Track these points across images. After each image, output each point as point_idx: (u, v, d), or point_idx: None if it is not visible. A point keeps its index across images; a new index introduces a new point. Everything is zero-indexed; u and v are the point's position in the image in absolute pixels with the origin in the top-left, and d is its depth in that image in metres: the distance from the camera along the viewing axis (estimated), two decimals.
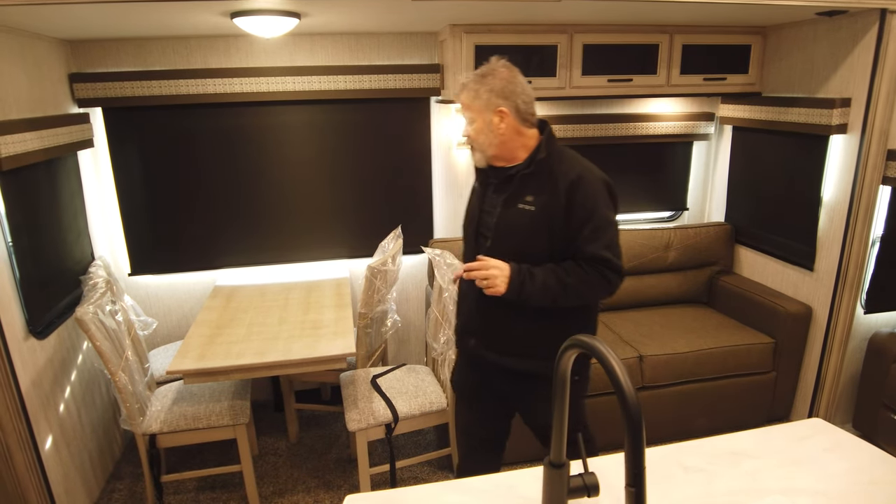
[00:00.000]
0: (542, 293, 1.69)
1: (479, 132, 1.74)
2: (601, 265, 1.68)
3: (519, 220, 1.74)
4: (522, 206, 1.73)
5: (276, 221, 3.20)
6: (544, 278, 1.68)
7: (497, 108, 1.70)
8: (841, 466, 1.39)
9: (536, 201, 1.71)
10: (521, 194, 1.74)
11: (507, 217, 1.76)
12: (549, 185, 1.70)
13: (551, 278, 1.68)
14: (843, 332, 2.76)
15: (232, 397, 2.49)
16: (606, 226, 1.70)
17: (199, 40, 2.87)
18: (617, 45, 2.86)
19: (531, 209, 1.71)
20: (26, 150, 2.21)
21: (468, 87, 1.73)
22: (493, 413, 2.06)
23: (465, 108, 1.76)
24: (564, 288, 1.69)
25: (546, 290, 1.68)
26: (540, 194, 1.71)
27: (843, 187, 2.66)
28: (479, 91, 1.71)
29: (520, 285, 1.68)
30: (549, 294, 1.69)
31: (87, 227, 2.84)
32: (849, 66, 2.59)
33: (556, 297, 1.70)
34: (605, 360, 0.83)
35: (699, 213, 3.71)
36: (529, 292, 1.69)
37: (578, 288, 1.70)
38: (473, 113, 1.74)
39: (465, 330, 1.96)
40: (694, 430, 2.68)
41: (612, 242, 1.71)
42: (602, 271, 1.68)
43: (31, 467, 2.14)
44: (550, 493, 1.07)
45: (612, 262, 1.69)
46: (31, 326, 2.25)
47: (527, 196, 1.73)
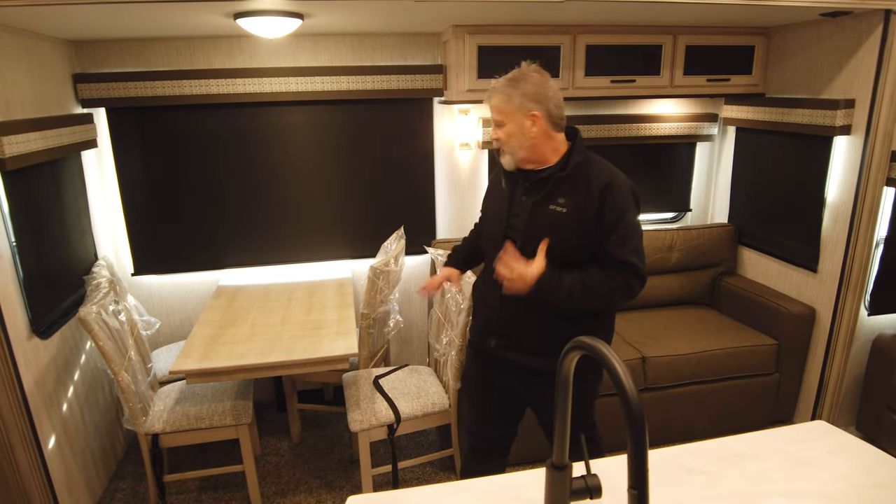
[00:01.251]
0: (568, 299, 1.71)
1: (510, 135, 1.75)
2: (628, 271, 1.70)
3: (550, 222, 1.75)
4: (554, 208, 1.74)
5: (279, 222, 3.20)
6: (571, 284, 1.70)
7: (530, 112, 1.72)
8: (844, 469, 1.38)
9: (568, 203, 1.73)
10: (554, 196, 1.75)
11: (538, 218, 1.77)
12: (581, 188, 1.72)
13: (577, 285, 1.70)
14: (846, 334, 2.75)
15: (234, 397, 2.49)
16: (633, 231, 1.73)
17: (203, 41, 2.87)
18: (620, 45, 2.86)
19: (563, 210, 1.73)
20: (30, 150, 2.21)
21: (499, 90, 1.74)
22: (501, 415, 2.06)
23: (496, 111, 1.76)
24: (590, 294, 1.71)
25: (572, 296, 1.70)
26: (572, 196, 1.73)
27: (847, 189, 2.65)
28: (511, 95, 1.72)
29: (547, 289, 1.69)
30: (575, 300, 1.71)
31: (90, 226, 2.85)
32: (853, 68, 2.59)
33: (581, 303, 1.73)
34: (608, 361, 0.83)
35: (702, 214, 3.70)
36: (557, 297, 1.70)
37: (605, 295, 1.72)
38: (504, 116, 1.75)
39: (485, 330, 1.95)
40: (697, 432, 2.68)
41: (638, 248, 1.74)
42: (627, 277, 1.71)
43: (34, 466, 2.14)
44: (553, 495, 1.07)
45: (638, 268, 1.71)
46: (34, 326, 2.26)
47: (559, 198, 1.74)
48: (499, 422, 2.07)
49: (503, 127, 1.76)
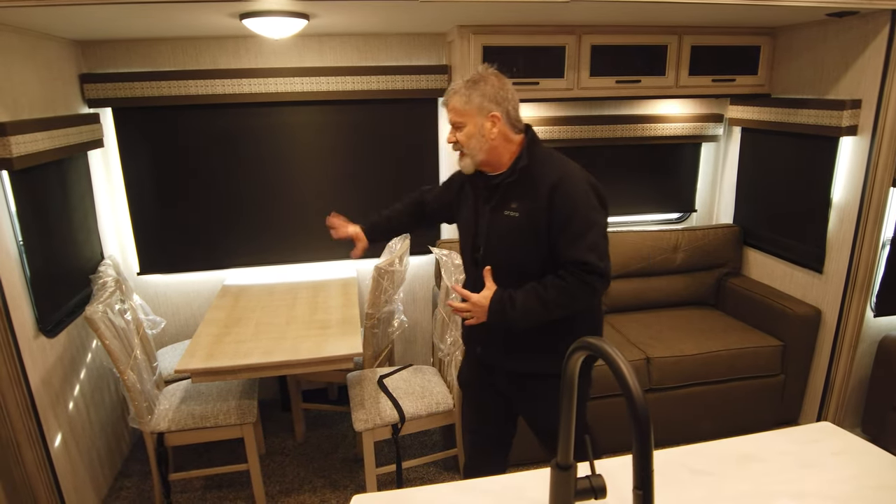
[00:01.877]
0: (525, 315, 1.68)
1: (469, 137, 1.74)
2: (581, 270, 1.64)
3: (506, 228, 1.75)
4: (508, 213, 1.74)
5: (284, 221, 3.21)
6: (524, 301, 1.68)
7: (490, 114, 1.71)
8: (850, 470, 1.38)
9: (520, 207, 1.72)
10: (507, 201, 1.75)
11: (495, 225, 1.77)
12: (531, 190, 1.71)
13: (531, 299, 1.67)
14: (852, 335, 2.74)
15: (239, 396, 2.50)
16: (588, 227, 1.66)
17: (209, 41, 2.88)
18: (625, 45, 2.86)
19: (516, 216, 1.72)
20: (37, 149, 2.23)
21: (459, 92, 1.74)
22: (498, 412, 2.07)
23: (454, 112, 1.75)
24: (545, 305, 1.67)
25: (528, 311, 1.68)
26: (523, 200, 1.72)
27: (853, 189, 2.64)
28: (471, 96, 1.71)
29: (501, 312, 1.69)
30: (533, 315, 1.68)
31: (96, 226, 2.86)
32: (859, 68, 2.58)
33: (540, 316, 1.69)
34: (613, 362, 0.83)
35: (707, 215, 3.69)
36: (512, 318, 1.69)
37: (561, 301, 1.67)
38: (464, 118, 1.74)
39: (469, 338, 1.99)
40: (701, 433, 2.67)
41: (596, 244, 1.66)
42: (582, 277, 1.64)
43: (40, 464, 2.16)
44: (557, 495, 1.07)
45: (592, 265, 1.64)
46: (41, 325, 2.27)
47: (511, 203, 1.74)
48: (497, 421, 2.08)
49: (462, 129, 1.75)
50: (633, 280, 3.29)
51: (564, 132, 3.25)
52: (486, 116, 1.71)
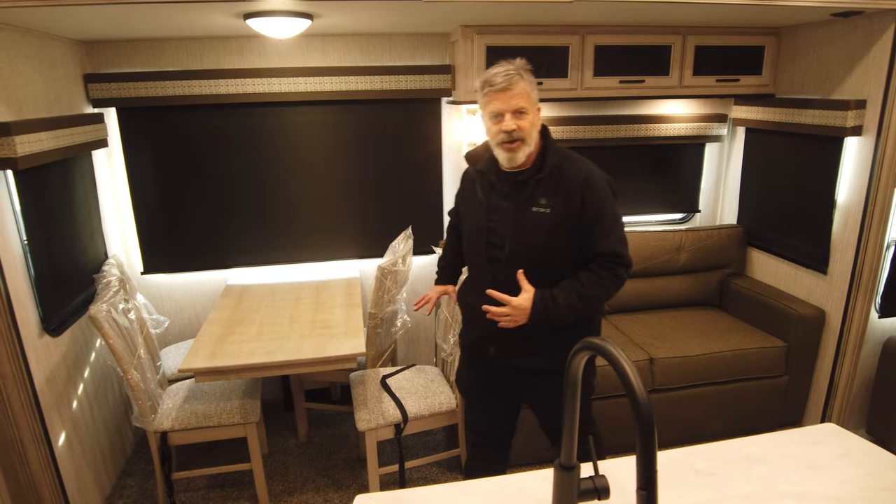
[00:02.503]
0: (568, 312, 1.72)
1: (532, 125, 1.69)
2: (613, 261, 1.72)
3: (536, 224, 1.73)
4: (537, 210, 1.73)
5: (288, 221, 3.22)
6: (566, 298, 1.71)
7: (538, 106, 1.74)
8: (854, 472, 1.37)
9: (551, 203, 1.72)
10: (535, 197, 1.73)
11: (524, 222, 1.74)
12: (561, 186, 1.71)
13: (572, 296, 1.71)
14: (856, 337, 2.73)
15: (242, 396, 2.50)
16: (615, 221, 1.76)
17: (212, 41, 2.89)
18: (629, 46, 2.85)
19: (546, 211, 1.72)
20: (42, 149, 2.23)
21: (523, 77, 1.66)
22: (498, 414, 2.07)
23: (523, 98, 1.65)
24: (584, 299, 1.72)
25: (570, 308, 1.72)
26: (554, 196, 1.72)
27: (858, 190, 2.63)
28: (533, 84, 1.68)
29: (544, 312, 1.71)
30: (574, 310, 1.72)
31: (100, 225, 2.87)
32: (864, 68, 2.57)
33: (580, 311, 1.74)
34: (617, 362, 0.83)
35: (711, 216, 3.68)
36: (555, 315, 1.71)
37: (597, 294, 1.74)
38: (530, 105, 1.67)
39: (483, 339, 1.92)
40: (705, 434, 2.67)
41: (622, 237, 1.76)
42: (613, 269, 1.72)
43: (44, 463, 2.16)
44: (560, 496, 1.07)
45: (624, 258, 1.73)
46: (45, 324, 2.27)
47: (540, 199, 1.73)
48: (498, 421, 2.08)
49: (526, 116, 1.67)
50: (636, 280, 3.28)
51: (568, 132, 3.25)
52: (537, 108, 1.73)
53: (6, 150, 2.03)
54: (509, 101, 1.65)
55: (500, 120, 1.68)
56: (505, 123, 1.66)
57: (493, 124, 1.70)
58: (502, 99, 1.66)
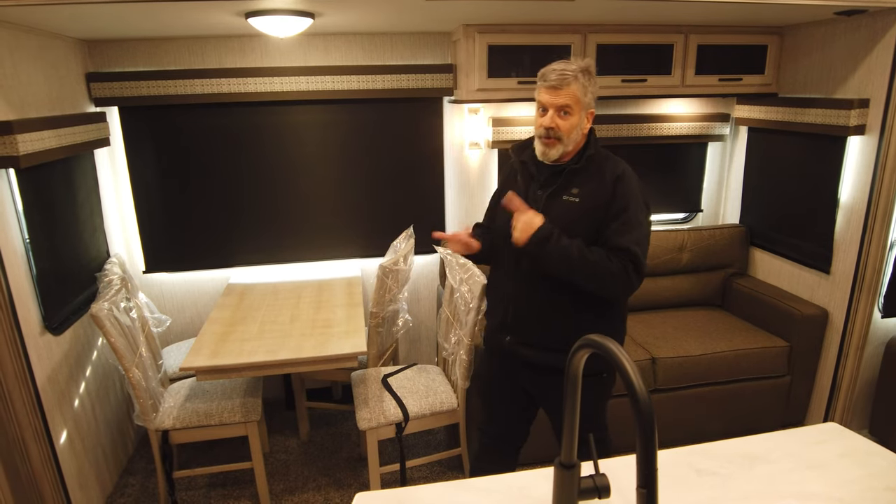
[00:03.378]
0: (560, 257, 1.68)
1: (573, 127, 1.73)
2: (626, 258, 1.68)
3: (563, 212, 1.76)
4: (567, 198, 1.76)
5: (289, 220, 3.22)
6: (568, 244, 1.69)
7: (590, 111, 1.75)
8: (856, 472, 1.37)
9: (581, 192, 1.75)
10: (567, 187, 1.77)
11: (552, 210, 1.77)
12: (595, 178, 1.75)
13: (574, 248, 1.69)
14: (859, 337, 2.72)
15: (244, 395, 2.50)
16: (637, 224, 1.73)
17: (214, 40, 2.89)
18: (631, 45, 2.85)
19: (575, 200, 1.75)
20: (44, 147, 2.24)
21: (579, 79, 1.69)
22: (514, 415, 2.05)
23: (570, 97, 1.70)
24: (582, 262, 1.68)
25: (565, 255, 1.68)
26: (585, 186, 1.75)
27: (861, 189, 2.62)
28: (587, 88, 1.71)
29: (543, 239, 1.68)
30: (567, 262, 1.69)
31: (102, 224, 2.87)
32: (867, 67, 2.56)
33: (572, 270, 1.70)
34: (618, 360, 0.83)
35: (713, 215, 3.67)
36: (548, 251, 1.68)
37: (596, 270, 1.69)
38: (576, 106, 1.71)
39: (500, 327, 1.94)
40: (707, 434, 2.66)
41: (641, 241, 1.73)
42: (625, 264, 1.68)
43: (46, 461, 2.16)
44: (561, 494, 1.07)
45: (637, 257, 1.69)
46: (47, 322, 2.28)
47: (572, 189, 1.76)
48: (511, 421, 2.07)
49: (570, 117, 1.72)
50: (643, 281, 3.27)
51: None
52: (587, 112, 1.74)
53: (8, 148, 2.04)
54: (556, 99, 1.71)
55: (544, 114, 1.75)
56: (545, 119, 1.74)
57: (537, 116, 1.78)
58: (551, 94, 1.72)
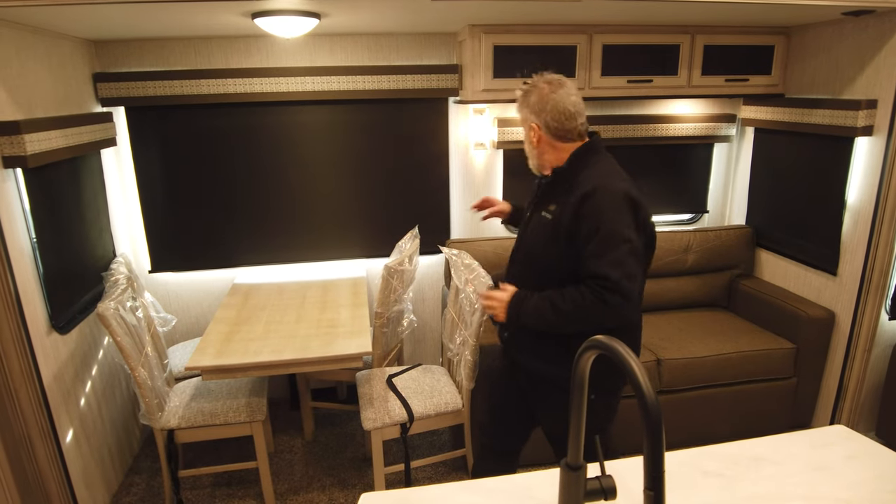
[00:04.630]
0: (536, 319, 1.70)
1: (527, 142, 1.83)
2: (599, 285, 1.56)
3: (536, 228, 1.79)
4: (545, 215, 1.76)
5: (295, 220, 3.22)
6: (536, 305, 1.68)
7: (530, 124, 1.77)
8: (863, 474, 1.36)
9: (555, 210, 1.72)
10: (546, 203, 1.77)
11: (531, 224, 1.83)
12: (566, 195, 1.69)
13: (544, 306, 1.67)
14: (866, 339, 2.70)
15: (249, 394, 2.50)
16: (614, 242, 1.57)
17: (221, 40, 2.90)
18: (637, 45, 2.84)
19: (549, 217, 1.73)
20: (51, 147, 2.25)
21: (518, 100, 1.81)
22: (512, 414, 2.05)
23: (519, 115, 1.84)
24: (558, 314, 1.63)
25: (539, 316, 1.68)
26: (558, 204, 1.72)
27: (869, 190, 2.61)
28: (520, 107, 1.80)
29: (516, 314, 1.73)
30: (543, 320, 1.68)
31: (109, 224, 2.88)
32: (875, 67, 2.54)
33: (553, 325, 1.67)
34: (625, 360, 0.82)
35: (719, 216, 3.66)
36: (525, 320, 1.72)
37: (574, 314, 1.61)
38: (522, 124, 1.83)
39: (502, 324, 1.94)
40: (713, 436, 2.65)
41: (619, 261, 1.56)
42: (599, 293, 1.56)
43: (52, 460, 2.17)
44: (567, 496, 1.06)
45: (610, 281, 1.54)
46: (53, 321, 2.29)
47: (550, 205, 1.75)
48: (514, 422, 2.07)
49: (526, 133, 1.82)
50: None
51: None
52: (529, 126, 1.78)
53: (16, 148, 2.05)
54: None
55: None
56: None
57: None
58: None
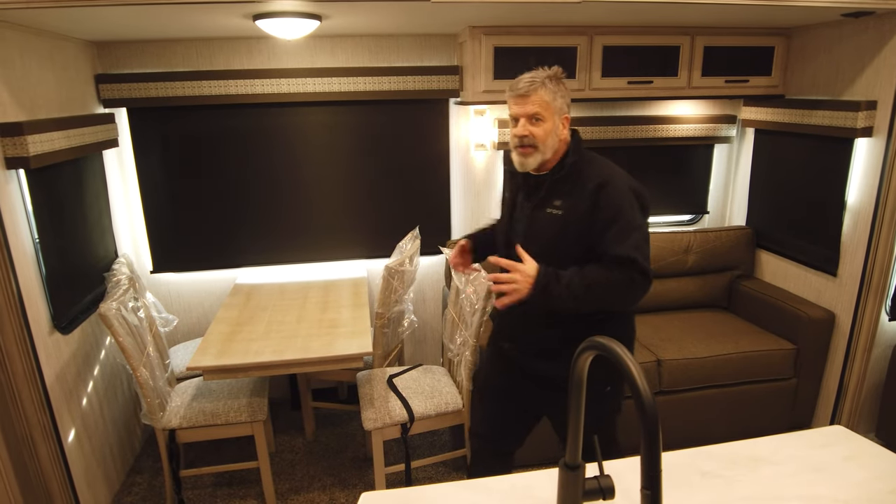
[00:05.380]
0: (569, 293, 1.61)
1: (548, 133, 1.70)
2: (628, 266, 1.60)
3: (546, 226, 1.73)
4: (551, 211, 1.73)
5: (296, 221, 3.23)
6: (570, 277, 1.63)
7: (564, 115, 1.73)
8: (862, 475, 1.36)
9: (564, 205, 1.71)
10: (550, 199, 1.74)
11: (536, 223, 1.76)
12: (577, 189, 1.69)
13: (576, 278, 1.62)
14: (866, 340, 2.71)
15: (250, 394, 2.51)
16: (632, 228, 1.64)
17: (222, 42, 2.91)
18: (637, 46, 2.85)
19: (559, 213, 1.71)
20: (54, 149, 2.26)
21: (546, 86, 1.68)
22: (509, 421, 2.04)
23: (539, 105, 1.68)
24: (588, 289, 1.62)
25: (572, 291, 1.61)
26: (567, 198, 1.71)
27: (869, 191, 2.61)
28: (556, 94, 1.69)
29: (545, 286, 1.62)
30: (575, 295, 1.62)
31: (111, 224, 2.89)
32: (875, 69, 2.55)
33: (581, 299, 1.63)
34: (622, 361, 0.83)
35: (720, 217, 3.67)
36: (557, 293, 1.61)
37: (604, 289, 1.63)
38: (548, 113, 1.69)
39: (499, 335, 1.95)
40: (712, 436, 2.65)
41: (640, 245, 1.64)
42: (627, 272, 1.60)
43: (54, 459, 2.18)
44: (565, 495, 1.07)
45: (638, 264, 1.61)
46: (56, 321, 2.30)
47: (555, 201, 1.73)
48: (512, 423, 2.05)
49: (542, 124, 1.69)
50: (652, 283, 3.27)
51: None
52: (562, 118, 1.72)
53: (19, 149, 2.06)
54: (525, 107, 1.69)
55: (516, 124, 1.73)
56: (518, 128, 1.72)
57: (512, 127, 1.75)
58: (519, 104, 1.70)
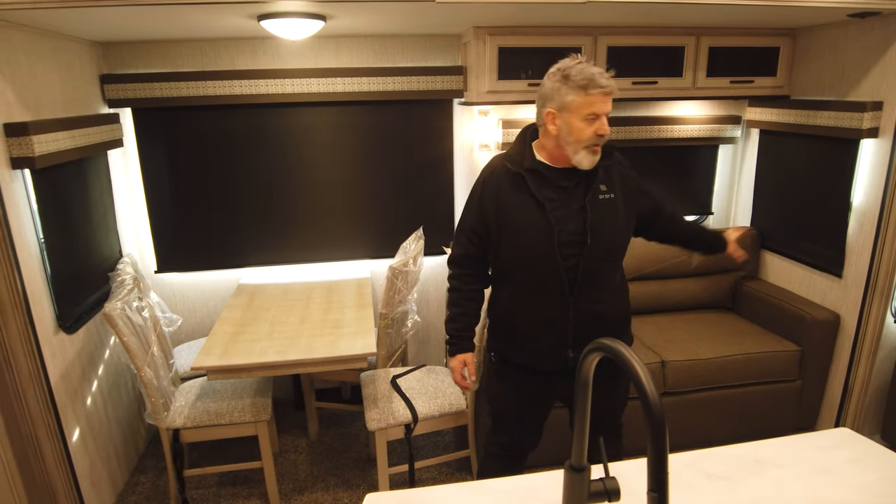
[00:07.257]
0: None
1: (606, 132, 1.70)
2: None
3: (609, 211, 1.76)
4: (604, 197, 1.75)
5: (300, 221, 3.23)
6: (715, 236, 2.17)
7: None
8: (867, 477, 1.36)
9: (609, 188, 1.77)
10: (598, 186, 1.75)
11: (597, 211, 1.72)
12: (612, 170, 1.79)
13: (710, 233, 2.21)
14: (872, 341, 2.70)
15: (254, 394, 2.51)
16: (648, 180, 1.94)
17: (227, 42, 2.91)
18: (642, 47, 2.84)
19: (611, 196, 1.76)
20: (59, 149, 2.26)
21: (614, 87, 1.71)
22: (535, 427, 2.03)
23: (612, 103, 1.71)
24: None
25: None
26: (606, 180, 1.77)
27: (874, 192, 2.60)
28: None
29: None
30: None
31: (115, 224, 2.90)
32: (881, 69, 2.54)
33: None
34: (628, 363, 0.83)
35: (724, 218, 3.66)
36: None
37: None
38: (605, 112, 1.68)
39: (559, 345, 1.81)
40: (717, 438, 2.65)
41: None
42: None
43: (58, 458, 2.19)
44: (570, 497, 1.07)
45: None
46: (60, 321, 2.30)
47: (601, 186, 1.75)
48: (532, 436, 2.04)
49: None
50: (648, 283, 3.26)
51: None
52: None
53: (24, 149, 2.06)
54: (608, 104, 1.65)
55: (593, 121, 1.64)
56: (601, 126, 1.65)
57: (587, 125, 1.64)
58: (606, 102, 1.64)
